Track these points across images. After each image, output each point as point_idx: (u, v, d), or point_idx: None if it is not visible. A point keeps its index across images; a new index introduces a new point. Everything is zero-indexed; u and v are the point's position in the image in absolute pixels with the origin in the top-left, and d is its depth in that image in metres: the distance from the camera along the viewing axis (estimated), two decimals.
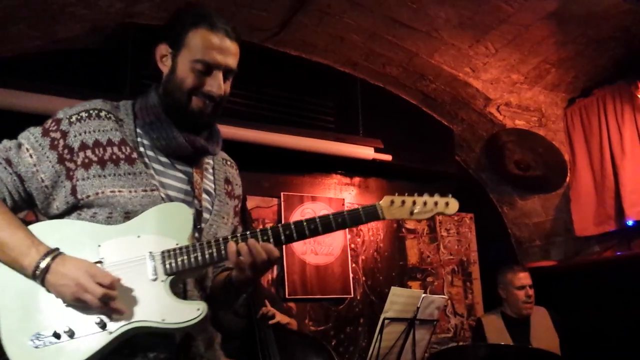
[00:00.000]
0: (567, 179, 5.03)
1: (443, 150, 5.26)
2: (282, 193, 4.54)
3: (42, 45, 3.69)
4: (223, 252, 1.57)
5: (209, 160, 1.83)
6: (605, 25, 4.04)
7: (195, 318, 1.49)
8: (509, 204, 5.58)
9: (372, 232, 4.96)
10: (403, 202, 1.70)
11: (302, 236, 1.63)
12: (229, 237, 1.59)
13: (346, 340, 4.61)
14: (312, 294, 4.45)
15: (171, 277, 1.53)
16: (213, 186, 1.80)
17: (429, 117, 5.32)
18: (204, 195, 1.74)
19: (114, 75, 3.82)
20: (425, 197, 1.71)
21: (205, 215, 1.71)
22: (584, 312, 4.65)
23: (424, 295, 3.42)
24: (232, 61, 1.70)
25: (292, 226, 1.62)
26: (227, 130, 3.89)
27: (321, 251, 4.55)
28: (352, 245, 4.79)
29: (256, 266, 1.57)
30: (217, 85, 1.67)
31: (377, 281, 4.88)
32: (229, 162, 1.95)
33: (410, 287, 4.89)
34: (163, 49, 1.72)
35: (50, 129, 1.63)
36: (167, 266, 1.53)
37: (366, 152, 4.67)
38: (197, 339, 1.63)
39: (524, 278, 4.11)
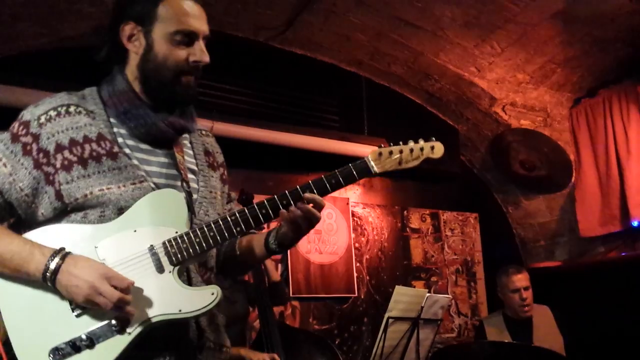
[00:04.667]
0: (572, 179, 5.02)
1: (448, 149, 5.19)
2: (286, 192, 4.53)
3: (48, 43, 3.70)
4: (225, 232, 1.53)
5: (186, 135, 1.76)
6: (611, 26, 4.03)
7: (211, 303, 1.47)
8: (513, 204, 5.57)
9: (377, 231, 4.96)
10: (390, 152, 1.66)
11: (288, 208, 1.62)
12: (228, 215, 1.56)
13: (350, 339, 4.61)
14: (316, 293, 4.45)
15: (178, 267, 1.50)
16: (194, 161, 1.73)
17: (434, 117, 5.32)
18: (190, 175, 1.68)
19: None
20: (411, 144, 1.69)
21: (194, 195, 1.65)
22: (588, 313, 4.64)
23: (428, 294, 3.42)
24: (206, 26, 1.63)
25: (289, 194, 1.63)
26: (232, 129, 3.90)
27: (325, 250, 4.55)
28: (357, 245, 4.79)
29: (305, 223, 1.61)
30: (203, 52, 1.60)
31: (381, 280, 4.88)
32: (204, 132, 1.87)
33: (414, 287, 4.89)
34: (129, 29, 1.60)
35: (20, 133, 1.55)
36: (172, 256, 1.49)
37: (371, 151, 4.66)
38: (205, 325, 1.61)
39: (517, 281, 4.06)
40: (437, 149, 1.74)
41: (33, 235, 1.51)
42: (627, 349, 4.39)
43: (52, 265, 1.41)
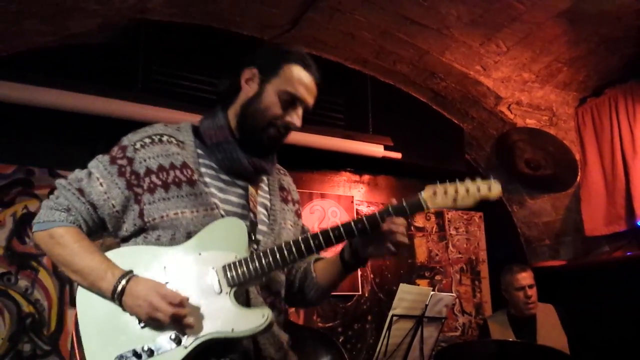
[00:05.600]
0: (578, 178, 5.01)
1: (453, 148, 5.25)
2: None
3: (54, 40, 3.72)
4: (279, 259, 1.67)
5: None
6: (617, 24, 4.02)
7: (262, 324, 1.60)
8: (518, 203, 5.56)
9: None
10: (445, 191, 1.74)
11: (340, 240, 1.77)
12: (283, 244, 1.69)
13: (354, 337, 4.62)
14: None
15: (234, 288, 1.63)
16: (268, 197, 1.91)
17: (439, 115, 5.31)
18: (260, 209, 1.84)
19: (126, 71, 3.85)
20: (467, 184, 1.75)
21: (261, 227, 1.80)
22: (593, 312, 4.64)
23: (432, 292, 3.42)
24: (312, 101, 1.86)
25: (341, 227, 1.74)
26: None
27: (330, 248, 4.55)
28: None
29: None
30: (298, 118, 1.81)
31: (385, 279, 4.88)
32: (282, 171, 2.08)
33: (418, 285, 4.89)
34: (251, 72, 1.80)
35: (117, 156, 1.74)
36: (230, 278, 1.63)
37: (376, 149, 4.67)
38: (265, 342, 1.72)
39: (522, 279, 4.08)
40: (495, 189, 1.76)
41: (115, 254, 1.70)
42: (631, 348, 4.38)
43: (119, 287, 1.60)
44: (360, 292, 4.69)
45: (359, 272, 4.68)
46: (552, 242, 5.43)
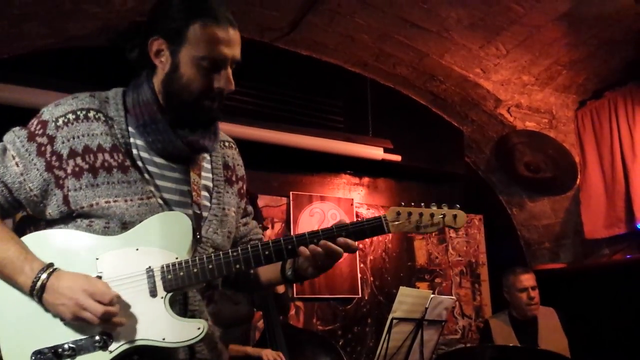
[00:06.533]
0: (577, 181, 5.01)
1: (453, 151, 5.25)
2: (291, 192, 4.54)
3: (54, 43, 3.71)
4: (224, 268, 1.52)
5: None
6: (617, 27, 4.02)
7: (196, 337, 1.47)
8: (518, 205, 5.56)
9: None
10: (409, 214, 1.61)
11: (292, 254, 1.58)
12: (230, 251, 1.54)
13: (354, 340, 4.61)
14: (320, 294, 4.46)
15: (170, 294, 1.50)
16: (211, 176, 1.71)
17: (438, 118, 5.32)
18: (203, 193, 1.66)
19: (125, 74, 3.84)
20: (433, 209, 1.63)
21: (204, 213, 1.64)
22: (593, 315, 4.63)
23: (432, 295, 3.42)
24: (238, 52, 1.59)
25: (295, 239, 1.57)
26: (237, 129, 3.91)
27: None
28: (361, 245, 4.78)
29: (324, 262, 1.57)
30: (228, 81, 1.57)
31: (385, 281, 4.88)
32: (226, 144, 1.85)
33: (418, 288, 4.89)
34: (157, 44, 1.57)
35: (36, 132, 1.54)
36: (167, 282, 1.49)
37: (375, 152, 4.67)
38: (201, 345, 1.60)
39: (525, 280, 4.09)
40: (460, 219, 1.65)
41: (38, 237, 1.52)
42: (631, 351, 4.37)
43: (39, 283, 1.42)
44: (360, 295, 4.68)
45: (359, 275, 4.68)
46: (552, 245, 5.42)
